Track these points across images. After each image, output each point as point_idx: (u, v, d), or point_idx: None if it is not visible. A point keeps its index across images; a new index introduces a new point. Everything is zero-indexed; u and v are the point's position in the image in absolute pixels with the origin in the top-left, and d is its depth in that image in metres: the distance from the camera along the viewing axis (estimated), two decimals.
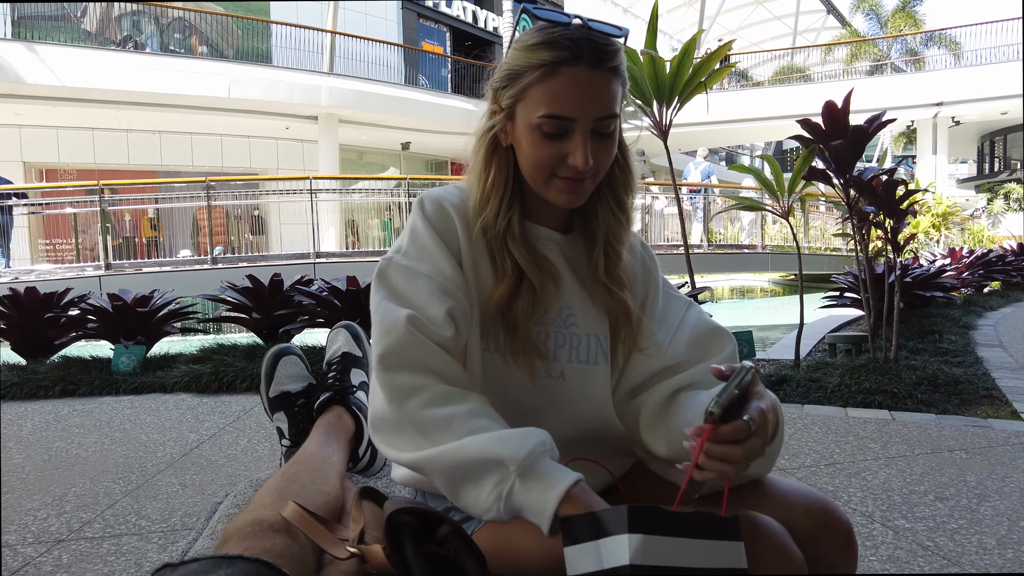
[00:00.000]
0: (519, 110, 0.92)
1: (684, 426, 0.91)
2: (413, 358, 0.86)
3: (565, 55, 0.88)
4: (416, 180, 11.69)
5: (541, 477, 0.76)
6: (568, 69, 0.88)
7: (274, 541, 0.81)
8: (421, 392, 0.84)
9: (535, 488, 0.75)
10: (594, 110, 0.89)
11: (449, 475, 0.80)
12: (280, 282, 5.00)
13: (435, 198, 0.97)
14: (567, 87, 0.88)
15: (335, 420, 1.31)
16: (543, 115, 0.89)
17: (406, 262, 0.92)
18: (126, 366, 4.32)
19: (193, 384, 4.02)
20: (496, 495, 0.77)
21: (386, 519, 0.75)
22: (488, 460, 0.77)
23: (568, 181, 0.92)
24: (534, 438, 0.79)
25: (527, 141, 0.92)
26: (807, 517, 0.86)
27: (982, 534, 1.91)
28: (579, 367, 0.99)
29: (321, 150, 15.67)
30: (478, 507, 0.79)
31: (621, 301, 1.01)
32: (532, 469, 0.76)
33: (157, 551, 1.92)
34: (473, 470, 0.79)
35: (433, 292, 0.89)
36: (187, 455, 2.80)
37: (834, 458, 2.58)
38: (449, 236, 0.95)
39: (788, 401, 3.44)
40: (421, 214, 0.96)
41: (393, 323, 0.86)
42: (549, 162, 0.91)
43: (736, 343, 1.05)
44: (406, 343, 0.85)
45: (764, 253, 12.83)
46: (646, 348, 1.01)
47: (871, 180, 3.76)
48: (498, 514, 0.78)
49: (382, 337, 0.87)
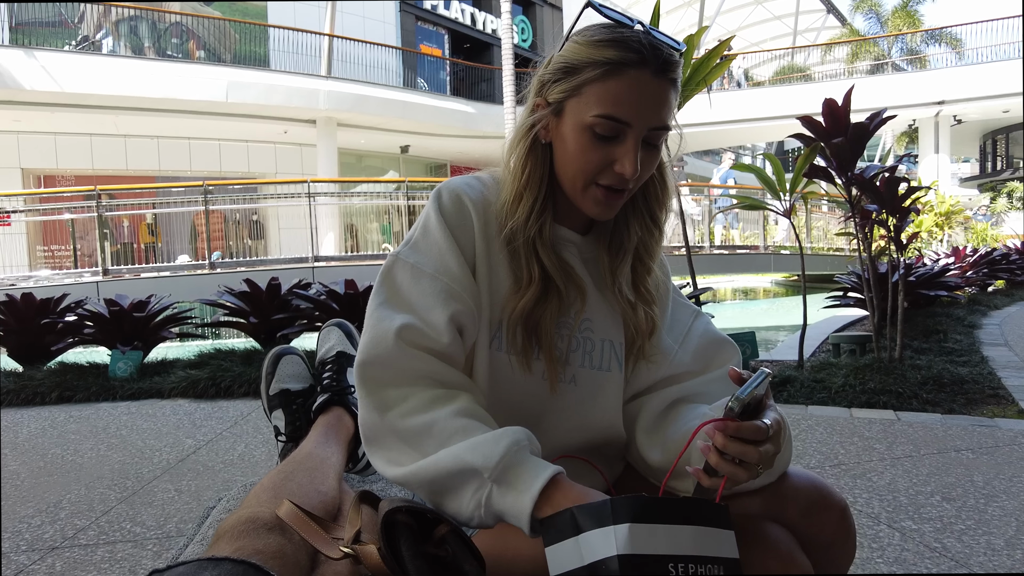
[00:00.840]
0: (570, 106, 0.87)
1: (681, 436, 0.89)
2: (398, 370, 0.84)
3: (633, 57, 0.83)
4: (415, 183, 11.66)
5: (516, 480, 0.74)
6: (634, 72, 0.83)
7: (267, 540, 0.79)
8: (405, 401, 0.82)
9: (510, 493, 0.74)
10: (651, 118, 0.85)
11: (429, 489, 0.80)
12: (278, 286, 4.98)
13: (453, 190, 0.93)
14: (630, 90, 0.84)
15: (335, 421, 1.30)
16: (599, 114, 0.84)
17: (413, 259, 0.89)
18: (123, 372, 4.29)
19: (190, 389, 3.99)
20: (476, 503, 0.76)
21: (382, 519, 0.73)
22: (463, 470, 0.76)
23: (606, 191, 0.88)
24: (506, 440, 0.77)
25: (574, 141, 0.87)
26: (798, 494, 0.84)
27: (990, 535, 1.88)
28: (591, 373, 0.96)
29: (320, 154, 15.66)
30: (462, 516, 0.78)
31: (649, 316, 0.98)
32: (506, 473, 0.75)
33: (152, 558, 1.89)
34: (450, 482, 0.78)
35: (437, 295, 0.86)
36: (184, 461, 2.77)
37: (839, 459, 2.55)
38: (463, 233, 0.91)
39: (792, 402, 3.41)
40: (436, 206, 0.92)
41: (383, 334, 0.84)
42: (595, 166, 0.87)
43: (741, 355, 1.04)
44: (392, 356, 0.83)
45: (766, 254, 12.80)
46: (652, 356, 0.99)
47: (873, 178, 3.73)
48: (481, 521, 0.77)
49: (368, 346, 0.85)
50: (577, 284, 0.94)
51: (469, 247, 0.91)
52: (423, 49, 19.69)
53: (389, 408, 0.82)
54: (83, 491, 2.43)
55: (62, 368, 4.43)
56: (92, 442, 3.09)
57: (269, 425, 1.44)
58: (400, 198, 11.31)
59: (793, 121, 3.99)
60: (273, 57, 15.65)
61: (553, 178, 0.92)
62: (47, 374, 4.28)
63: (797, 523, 0.82)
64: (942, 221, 11.95)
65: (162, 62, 13.96)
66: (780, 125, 18.57)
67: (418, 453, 0.80)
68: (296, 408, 1.40)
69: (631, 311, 0.97)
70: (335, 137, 15.77)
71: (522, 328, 0.91)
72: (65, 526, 2.12)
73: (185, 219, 11.43)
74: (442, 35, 20.66)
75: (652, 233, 0.98)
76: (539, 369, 0.93)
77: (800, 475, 0.86)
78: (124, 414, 3.61)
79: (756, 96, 20.17)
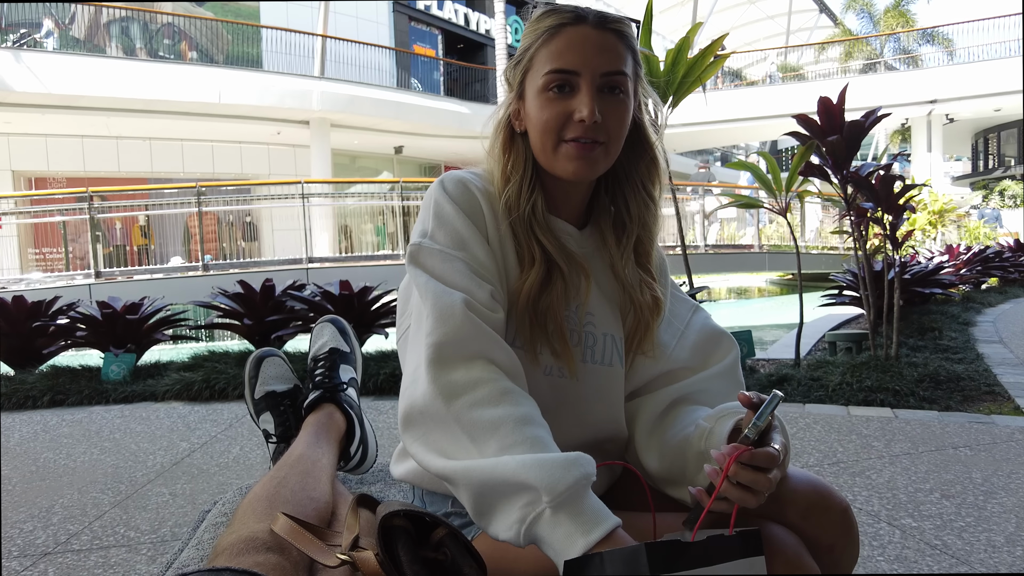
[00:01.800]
0: (528, 82, 0.91)
1: (677, 442, 0.88)
2: (471, 349, 0.80)
3: (569, 16, 0.88)
4: (409, 184, 11.63)
5: (576, 516, 0.69)
6: (572, 27, 0.88)
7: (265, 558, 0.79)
8: (476, 389, 0.78)
9: (566, 525, 0.69)
10: (599, 63, 0.87)
11: (477, 491, 0.74)
12: (272, 287, 4.95)
13: (457, 178, 0.93)
14: (571, 42, 0.88)
15: (325, 419, 1.29)
16: (547, 71, 0.87)
17: (438, 246, 0.87)
18: (116, 375, 4.26)
19: (184, 392, 3.97)
20: (520, 520, 0.71)
21: (379, 523, 0.72)
22: (522, 484, 0.71)
23: (577, 145, 0.88)
24: (578, 470, 0.71)
25: (534, 108, 0.90)
26: (797, 496, 0.81)
27: (990, 532, 1.89)
28: (594, 367, 0.95)
29: (313, 155, 15.60)
30: (499, 528, 0.74)
31: (654, 296, 0.97)
32: (568, 504, 0.70)
33: (146, 563, 1.87)
34: (503, 490, 0.72)
35: (472, 276, 0.85)
36: (178, 464, 2.75)
37: (837, 457, 2.55)
38: (477, 217, 0.91)
39: (789, 401, 3.41)
40: (444, 194, 0.91)
41: (449, 307, 0.81)
42: (555, 122, 0.88)
43: (739, 349, 1.03)
44: (466, 332, 0.80)
45: (761, 252, 12.82)
46: (650, 350, 0.98)
47: (869, 175, 3.74)
48: (515, 537, 0.72)
49: (438, 324, 0.81)
50: (580, 265, 0.93)
51: (484, 232, 0.91)
52: (416, 50, 19.66)
53: (458, 396, 0.77)
54: (76, 496, 2.41)
55: (54, 371, 4.39)
56: (85, 446, 3.06)
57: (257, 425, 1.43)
58: (394, 199, 11.27)
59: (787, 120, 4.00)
60: (266, 58, 15.60)
61: (538, 165, 0.93)
62: (39, 378, 4.24)
63: (797, 526, 0.79)
64: (935, 219, 11.99)
65: (154, 63, 13.88)
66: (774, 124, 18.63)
67: (476, 450, 0.75)
68: (284, 409, 1.39)
69: (637, 293, 0.96)
70: (328, 138, 15.71)
71: (530, 315, 0.89)
72: (58, 531, 2.10)
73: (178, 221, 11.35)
74: (435, 35, 20.63)
75: (649, 208, 0.98)
76: (545, 362, 0.91)
77: (799, 476, 0.83)
78: (117, 417, 3.58)
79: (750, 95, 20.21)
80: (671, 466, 0.89)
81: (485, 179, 0.96)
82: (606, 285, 0.98)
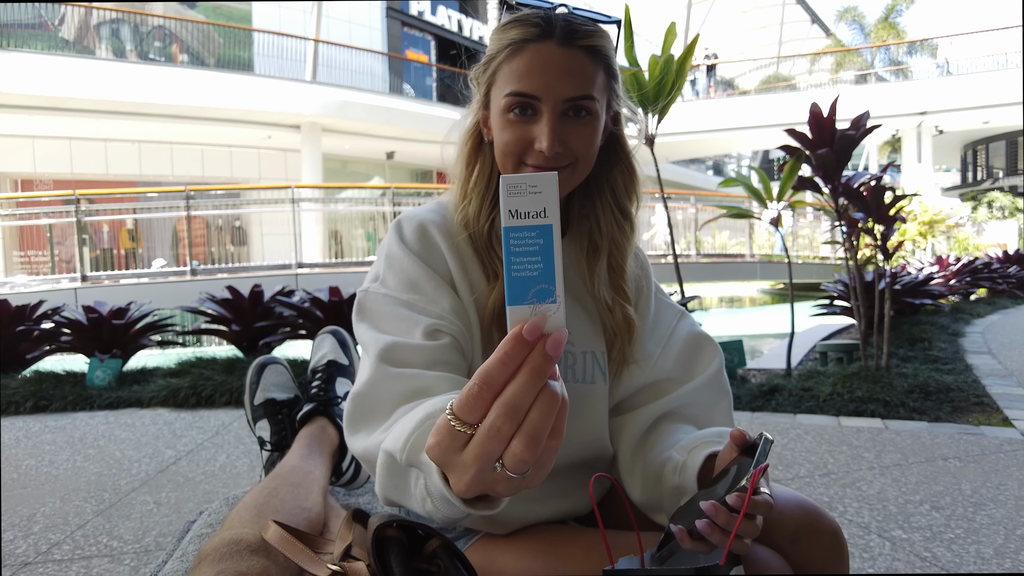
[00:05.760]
0: (493, 95, 0.87)
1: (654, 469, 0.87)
2: (379, 400, 0.76)
3: (534, 31, 0.83)
4: (401, 189, 11.61)
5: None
6: (535, 45, 0.83)
7: (250, 563, 0.78)
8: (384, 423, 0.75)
9: (429, 475, 0.60)
10: (562, 89, 0.82)
11: (390, 485, 0.68)
12: (260, 293, 4.92)
13: (413, 218, 0.91)
14: (532, 65, 0.82)
15: (318, 432, 1.28)
16: (508, 93, 0.83)
17: (384, 291, 0.86)
18: (101, 380, 4.21)
19: (171, 399, 3.92)
20: (421, 494, 0.62)
21: (372, 533, 0.71)
22: (387, 459, 0.66)
23: (537, 170, 0.84)
24: (421, 412, 0.65)
25: (496, 127, 0.87)
26: (785, 518, 0.78)
27: (980, 543, 1.89)
28: (575, 387, 0.92)
29: (304, 159, 15.56)
30: (421, 512, 0.65)
31: (626, 316, 0.94)
32: (417, 453, 0.61)
33: (129, 573, 1.84)
34: (392, 471, 0.67)
35: (412, 315, 0.83)
36: (163, 472, 2.71)
37: (828, 468, 2.54)
38: (432, 257, 0.88)
39: (780, 411, 3.40)
40: (398, 238, 0.89)
41: (371, 358, 0.79)
42: (515, 147, 0.85)
43: (723, 357, 1.01)
44: (377, 384, 0.77)
45: (752, 262, 12.87)
46: (635, 359, 0.96)
47: (859, 186, 3.75)
48: (445, 516, 0.61)
49: (360, 374, 0.80)
50: None
51: (443, 269, 0.88)
52: (409, 55, 19.69)
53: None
54: (58, 504, 2.37)
55: (37, 376, 4.33)
56: (68, 453, 3.01)
57: (252, 435, 1.41)
58: (385, 204, 11.24)
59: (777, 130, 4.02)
60: (258, 62, 15.56)
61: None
62: (22, 383, 4.18)
63: (785, 549, 0.76)
64: (925, 230, 12.08)
65: (144, 65, 13.82)
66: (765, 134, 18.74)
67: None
68: (282, 418, 1.38)
69: (607, 313, 0.94)
70: (320, 142, 15.68)
71: (497, 330, 0.87)
72: (39, 540, 2.06)
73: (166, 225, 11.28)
74: (428, 41, 20.67)
75: (622, 227, 0.95)
76: None
77: (787, 497, 0.79)
78: (102, 424, 3.53)
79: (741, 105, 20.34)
80: (651, 495, 0.88)
81: (448, 207, 0.93)
82: (585, 300, 0.95)
